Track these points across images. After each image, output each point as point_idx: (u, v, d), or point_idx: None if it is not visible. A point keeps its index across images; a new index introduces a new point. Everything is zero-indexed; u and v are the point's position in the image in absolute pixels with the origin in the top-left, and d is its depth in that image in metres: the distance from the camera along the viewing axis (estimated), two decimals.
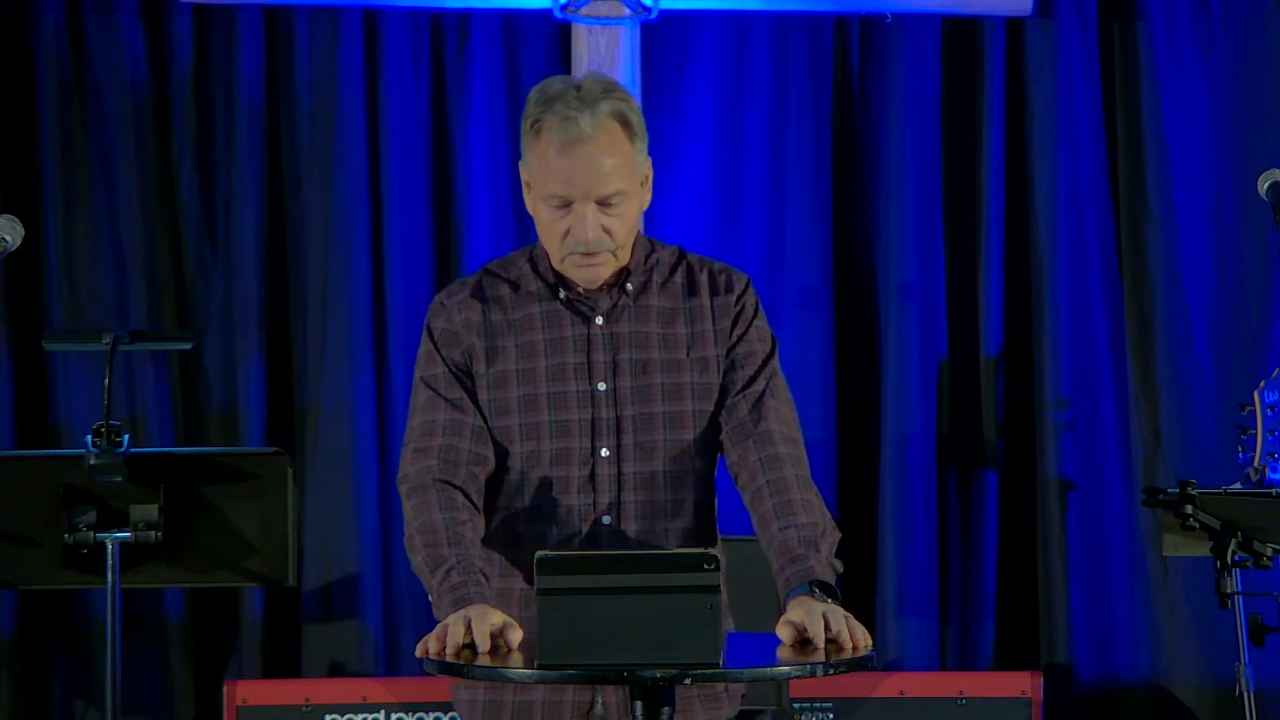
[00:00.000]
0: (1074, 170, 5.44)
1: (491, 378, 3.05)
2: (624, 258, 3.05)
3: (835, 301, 5.46)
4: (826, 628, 2.75)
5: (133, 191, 5.36)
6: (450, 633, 2.74)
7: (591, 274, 3.03)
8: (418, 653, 2.77)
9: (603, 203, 2.98)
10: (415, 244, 5.41)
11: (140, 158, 5.36)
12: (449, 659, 2.71)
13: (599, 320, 3.06)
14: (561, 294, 3.07)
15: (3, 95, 5.36)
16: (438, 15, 5.39)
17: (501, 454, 3.04)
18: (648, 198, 3.08)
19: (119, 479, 4.10)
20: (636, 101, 3.07)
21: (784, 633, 2.78)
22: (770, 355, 3.10)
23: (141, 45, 5.36)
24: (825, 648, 2.74)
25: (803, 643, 2.76)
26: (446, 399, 3.04)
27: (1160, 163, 5.42)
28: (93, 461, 4.09)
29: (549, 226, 3.01)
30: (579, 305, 3.07)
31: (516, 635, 2.76)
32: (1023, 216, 5.46)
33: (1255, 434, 4.15)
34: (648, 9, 5.12)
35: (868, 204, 5.48)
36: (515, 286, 3.10)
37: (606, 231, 2.99)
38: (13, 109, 5.36)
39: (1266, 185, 3.86)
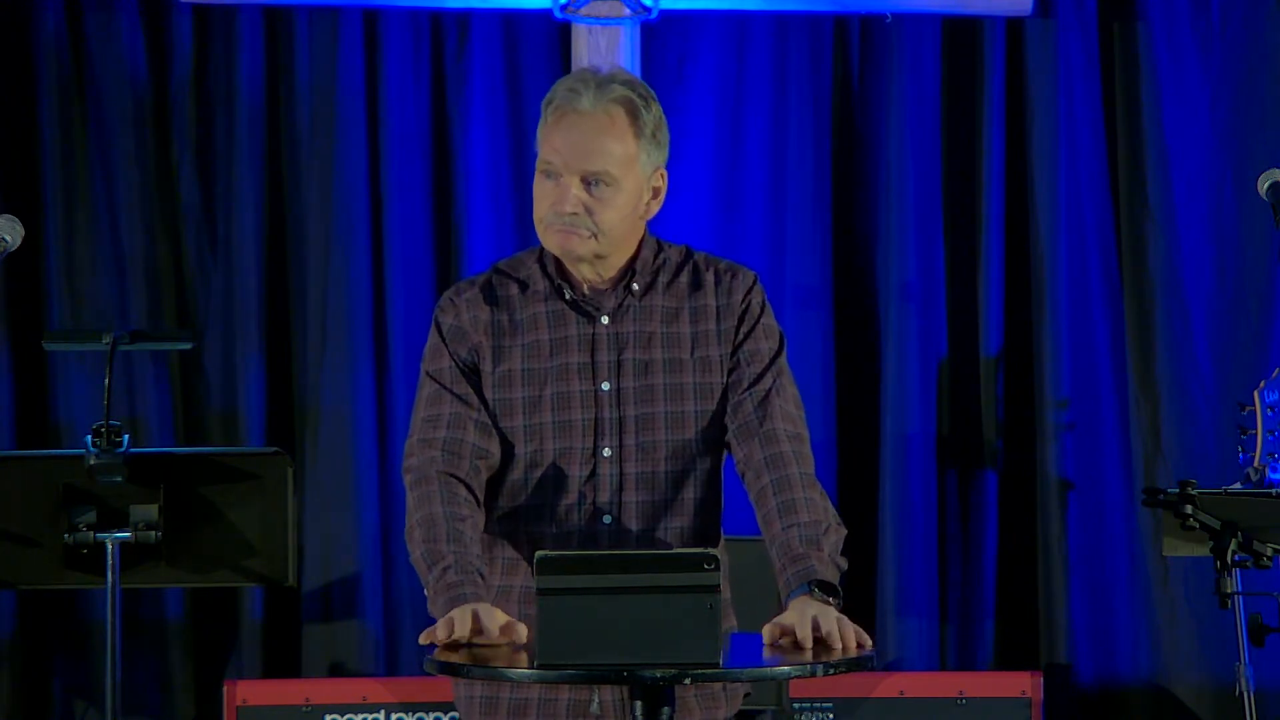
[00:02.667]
0: (1074, 170, 5.44)
1: (497, 377, 3.05)
2: (607, 247, 3.03)
3: (835, 301, 5.46)
4: (816, 628, 2.75)
5: (133, 191, 5.36)
6: (459, 623, 2.75)
7: (565, 242, 3.01)
8: (422, 640, 2.77)
9: (587, 180, 2.98)
10: (415, 244, 5.41)
11: (140, 158, 5.36)
12: (456, 638, 2.72)
13: (604, 320, 3.06)
14: (567, 294, 3.07)
15: (3, 95, 5.36)
16: (438, 15, 5.39)
17: (505, 453, 3.05)
18: (654, 207, 3.07)
19: (119, 479, 4.11)
20: (660, 107, 3.06)
21: (767, 632, 2.78)
22: (778, 353, 3.10)
23: (141, 45, 5.36)
24: (814, 648, 2.74)
25: (795, 644, 2.76)
26: (452, 392, 3.05)
27: (1160, 163, 5.42)
28: (93, 461, 4.09)
29: (539, 200, 3.02)
30: (584, 305, 3.07)
31: (522, 631, 2.77)
32: (1023, 216, 5.46)
33: (1255, 434, 4.14)
34: (648, 9, 5.12)
35: (868, 204, 5.48)
36: (524, 286, 3.10)
37: (587, 210, 2.99)
38: (13, 109, 5.36)
39: (1266, 185, 3.86)
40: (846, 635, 2.76)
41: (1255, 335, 5.41)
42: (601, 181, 2.98)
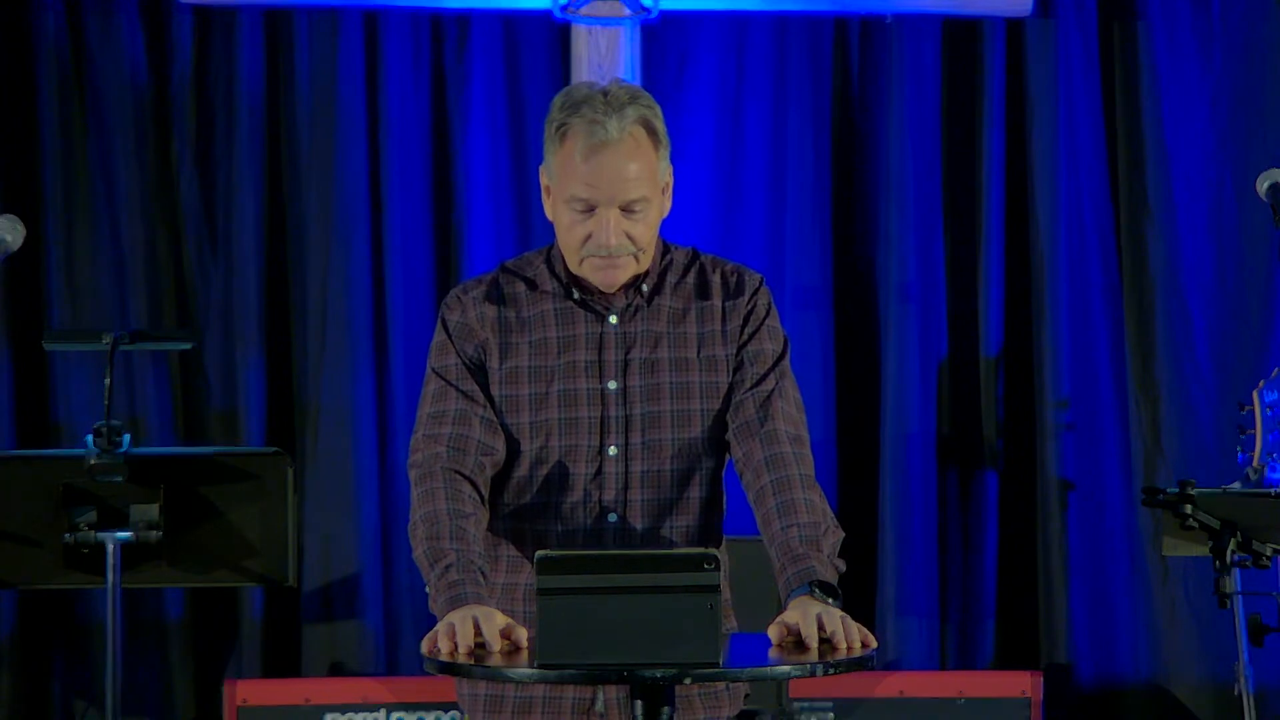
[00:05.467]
0: (1074, 170, 5.45)
1: (504, 374, 3.05)
2: (645, 262, 3.05)
3: (835, 301, 5.46)
4: (821, 628, 2.75)
5: (133, 191, 5.37)
6: (460, 632, 2.74)
7: (610, 277, 3.03)
8: (425, 649, 2.77)
9: (625, 208, 2.98)
10: (415, 244, 5.41)
11: (140, 158, 5.37)
12: (462, 659, 2.71)
13: (612, 319, 3.07)
14: (575, 294, 3.07)
15: (3, 95, 5.37)
16: (438, 16, 5.39)
17: (511, 450, 3.05)
18: (668, 205, 3.09)
19: (119, 479, 4.11)
20: (660, 109, 3.06)
21: (773, 632, 2.78)
22: (781, 356, 3.10)
23: (141, 45, 5.36)
24: (820, 647, 2.74)
25: (798, 643, 2.76)
26: (458, 389, 3.05)
27: (1160, 163, 5.42)
28: (93, 461, 4.09)
29: (569, 230, 3.01)
30: (593, 304, 3.07)
31: (523, 634, 2.77)
32: (1023, 216, 5.46)
33: (1254, 434, 4.14)
34: (648, 9, 5.12)
35: (868, 204, 5.49)
36: (532, 285, 3.10)
37: (629, 236, 3.00)
38: (13, 109, 5.36)
39: (1266, 185, 3.86)
40: (851, 635, 2.76)
41: (1255, 335, 5.42)
42: (638, 207, 2.99)
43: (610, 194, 2.97)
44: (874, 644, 2.77)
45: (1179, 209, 5.43)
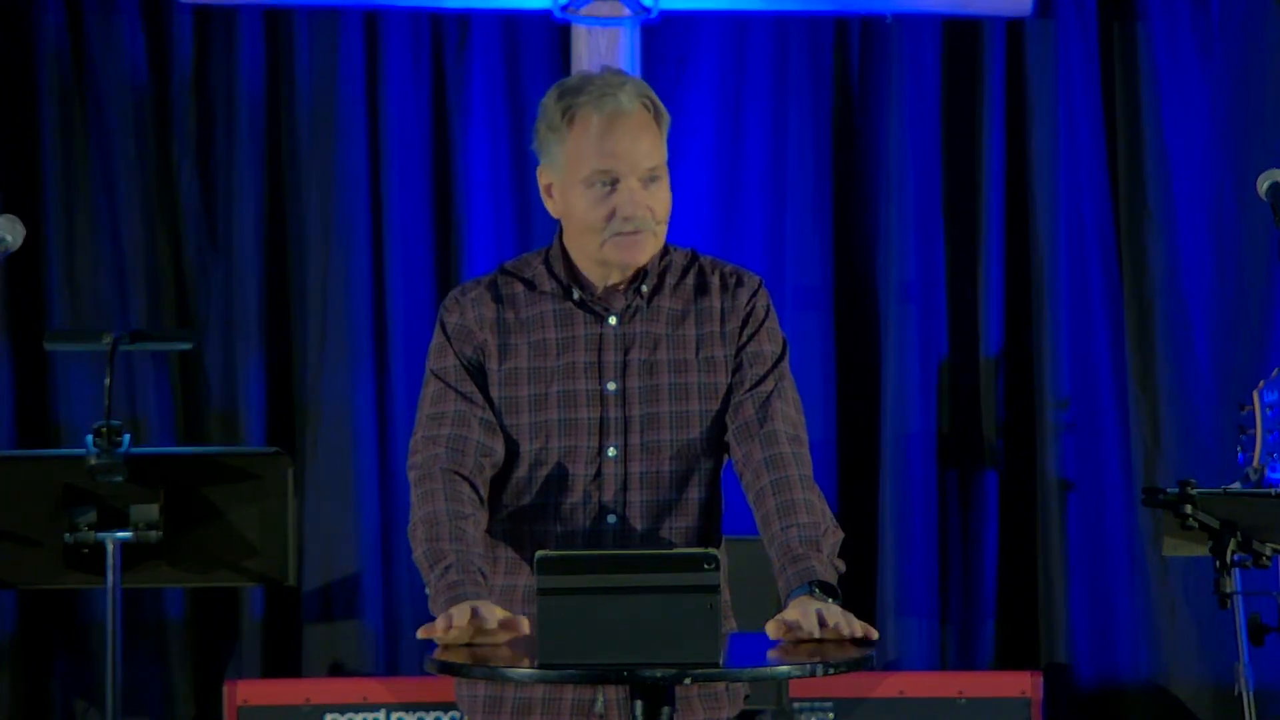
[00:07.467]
0: (1074, 170, 5.45)
1: (503, 375, 3.05)
2: (661, 239, 3.05)
3: (835, 301, 5.47)
4: (822, 623, 2.76)
5: (133, 191, 5.37)
6: (456, 616, 2.74)
7: (633, 254, 3.01)
8: (420, 635, 2.77)
9: (644, 179, 2.99)
10: (415, 244, 5.41)
11: (140, 158, 5.37)
12: (455, 636, 2.72)
13: (612, 320, 3.06)
14: (575, 295, 3.07)
15: (3, 95, 5.37)
16: (438, 16, 5.40)
17: (510, 451, 3.05)
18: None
19: (119, 479, 4.11)
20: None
21: (772, 628, 2.78)
22: (780, 357, 3.10)
23: (141, 45, 5.36)
24: (820, 645, 2.74)
25: (798, 642, 2.76)
26: (457, 391, 3.05)
27: (1160, 163, 5.43)
28: (93, 461, 4.10)
29: (591, 210, 2.99)
30: (592, 305, 3.07)
31: (523, 623, 2.77)
32: (1023, 216, 5.46)
33: (1254, 434, 4.14)
34: (648, 9, 5.12)
35: (868, 204, 5.49)
36: (530, 286, 3.10)
37: (649, 209, 3.00)
38: (13, 109, 5.36)
39: (1266, 185, 3.85)
40: (854, 625, 2.76)
41: (1255, 335, 5.42)
42: (655, 176, 2.99)
43: (631, 163, 2.97)
44: (875, 635, 2.77)
45: (1179, 209, 5.43)
